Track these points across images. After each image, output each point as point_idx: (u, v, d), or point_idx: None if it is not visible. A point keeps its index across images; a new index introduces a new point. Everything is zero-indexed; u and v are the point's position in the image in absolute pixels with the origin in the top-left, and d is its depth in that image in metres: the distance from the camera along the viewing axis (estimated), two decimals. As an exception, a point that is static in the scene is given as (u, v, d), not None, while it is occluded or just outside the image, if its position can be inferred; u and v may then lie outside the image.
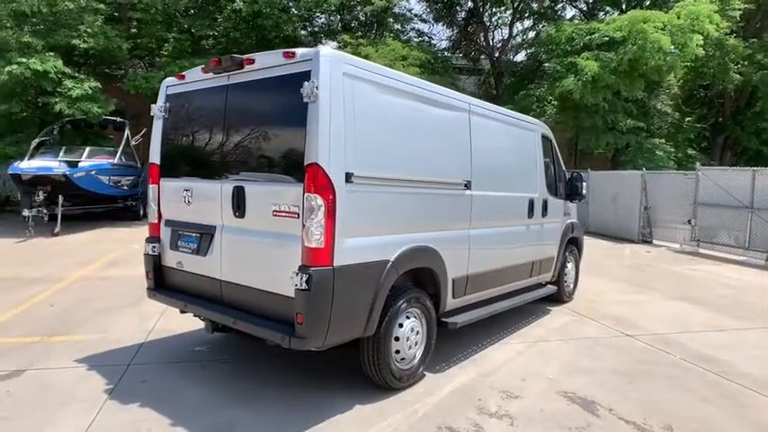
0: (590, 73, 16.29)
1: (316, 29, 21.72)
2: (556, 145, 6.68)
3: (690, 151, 21.99)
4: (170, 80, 4.48)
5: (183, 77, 4.34)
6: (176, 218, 4.34)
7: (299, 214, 3.34)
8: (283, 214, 3.45)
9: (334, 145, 3.30)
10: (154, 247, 4.43)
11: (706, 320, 6.46)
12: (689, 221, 13.01)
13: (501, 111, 5.46)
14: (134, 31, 17.50)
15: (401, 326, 3.98)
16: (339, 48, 19.21)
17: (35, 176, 11.65)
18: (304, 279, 3.23)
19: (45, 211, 11.84)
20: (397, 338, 3.95)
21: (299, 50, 3.43)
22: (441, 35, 45.35)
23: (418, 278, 4.23)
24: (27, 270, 8.10)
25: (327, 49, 3.40)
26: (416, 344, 4.14)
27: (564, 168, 6.88)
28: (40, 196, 11.72)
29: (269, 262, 3.56)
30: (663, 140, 20.44)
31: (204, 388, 3.96)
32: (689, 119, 22.97)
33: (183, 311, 4.37)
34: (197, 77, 4.17)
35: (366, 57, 17.69)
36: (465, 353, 4.85)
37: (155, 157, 4.50)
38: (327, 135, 3.27)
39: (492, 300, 5.30)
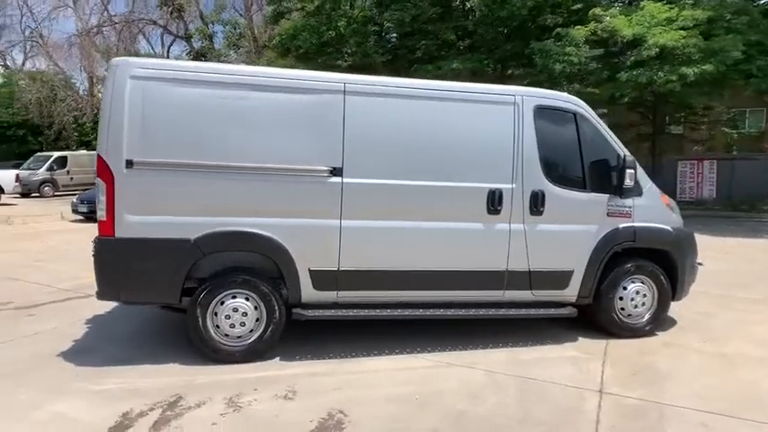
0: None
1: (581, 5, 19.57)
2: (592, 119, 4.90)
3: None
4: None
5: None
6: None
7: (102, 194, 4.18)
8: None
9: (113, 136, 3.98)
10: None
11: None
12: None
13: (422, 85, 4.58)
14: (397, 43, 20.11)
15: (222, 303, 4.24)
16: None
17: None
18: (93, 245, 4.07)
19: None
20: (215, 314, 4.23)
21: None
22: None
23: (257, 262, 4.35)
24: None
25: (119, 59, 4.11)
26: (243, 324, 4.27)
27: (618, 151, 4.93)
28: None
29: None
30: None
31: (102, 330, 5.11)
32: None
33: None
34: None
35: (613, 29, 15.17)
36: (365, 354, 4.54)
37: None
38: (106, 128, 4.00)
39: (420, 305, 4.64)
